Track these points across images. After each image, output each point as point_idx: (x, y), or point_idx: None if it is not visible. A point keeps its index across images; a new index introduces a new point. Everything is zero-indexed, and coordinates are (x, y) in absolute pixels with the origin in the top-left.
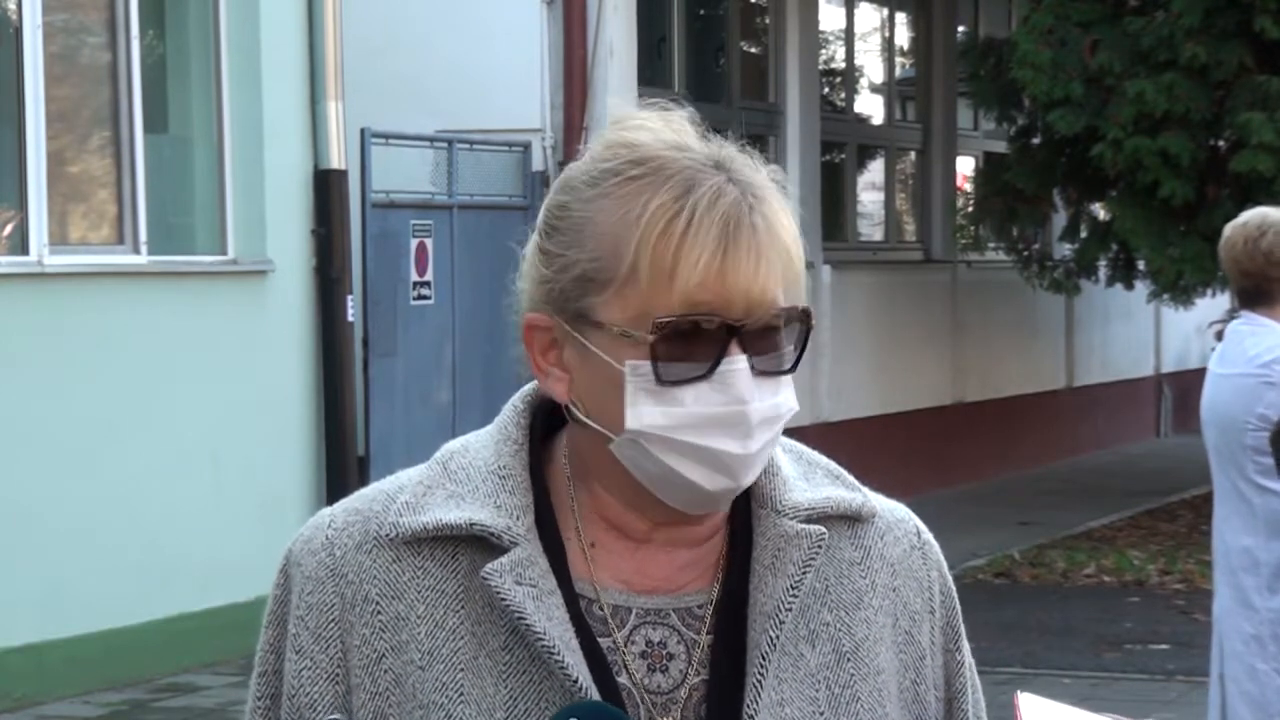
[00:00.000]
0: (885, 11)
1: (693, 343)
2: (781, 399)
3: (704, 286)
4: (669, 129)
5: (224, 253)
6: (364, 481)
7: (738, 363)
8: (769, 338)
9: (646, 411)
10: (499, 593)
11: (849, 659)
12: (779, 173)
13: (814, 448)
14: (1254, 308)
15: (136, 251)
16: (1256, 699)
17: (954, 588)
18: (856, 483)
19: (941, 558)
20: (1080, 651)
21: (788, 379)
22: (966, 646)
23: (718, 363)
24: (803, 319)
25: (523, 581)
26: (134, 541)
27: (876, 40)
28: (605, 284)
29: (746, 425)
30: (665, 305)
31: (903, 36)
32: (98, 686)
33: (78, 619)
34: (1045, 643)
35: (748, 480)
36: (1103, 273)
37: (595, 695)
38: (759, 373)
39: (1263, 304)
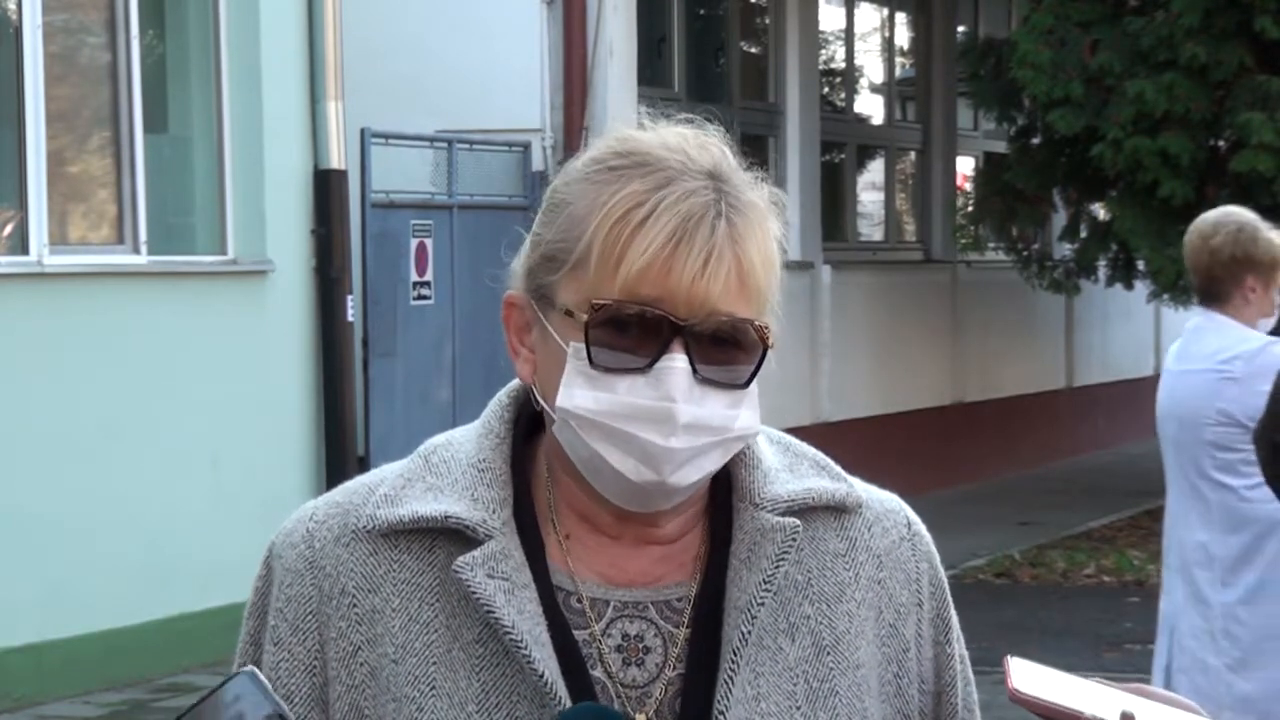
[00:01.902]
0: (885, 11)
1: (637, 336)
2: (733, 413)
3: (646, 277)
4: (674, 135)
5: (224, 253)
6: None
7: (676, 361)
8: (725, 349)
9: (579, 393)
10: (469, 586)
11: (829, 652)
12: (780, 196)
13: (814, 447)
14: (1211, 306)
15: (136, 251)
16: (1207, 693)
17: (945, 580)
18: (843, 473)
19: (933, 549)
20: (1080, 651)
21: (747, 397)
22: (958, 639)
23: (657, 359)
24: (760, 335)
25: (495, 575)
26: (134, 542)
27: (876, 40)
28: (562, 263)
29: (671, 423)
30: (607, 290)
31: (903, 36)
32: (98, 686)
33: (78, 619)
34: (1045, 643)
35: (675, 478)
36: (1103, 273)
37: (563, 690)
38: (703, 379)
39: (1218, 302)
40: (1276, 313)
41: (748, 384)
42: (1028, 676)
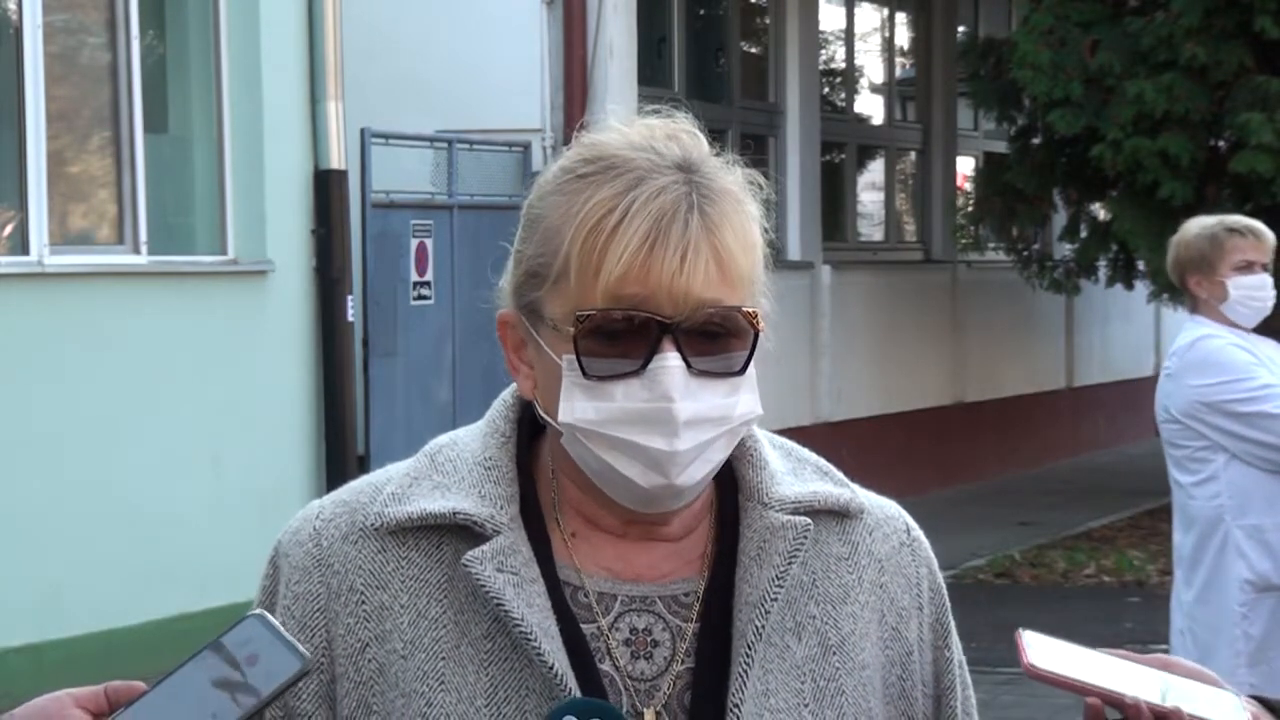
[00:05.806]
0: (885, 11)
1: (626, 340)
2: (732, 401)
3: (627, 281)
4: (640, 131)
5: (224, 253)
6: None
7: (669, 360)
8: (715, 339)
9: (579, 406)
10: (479, 580)
11: (835, 652)
12: (757, 175)
13: (814, 448)
14: (1193, 311)
15: (136, 251)
16: None
17: (943, 585)
18: (845, 479)
19: (931, 555)
20: None
21: (745, 382)
22: (956, 644)
23: (649, 360)
24: (749, 321)
25: (504, 569)
26: (134, 541)
27: (876, 40)
28: (545, 278)
29: (673, 423)
30: (590, 300)
31: (903, 36)
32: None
33: (78, 619)
34: None
35: (683, 479)
36: (1103, 273)
37: (573, 682)
38: (699, 373)
39: (1192, 306)
40: (1267, 294)
41: (743, 370)
42: (1044, 651)
